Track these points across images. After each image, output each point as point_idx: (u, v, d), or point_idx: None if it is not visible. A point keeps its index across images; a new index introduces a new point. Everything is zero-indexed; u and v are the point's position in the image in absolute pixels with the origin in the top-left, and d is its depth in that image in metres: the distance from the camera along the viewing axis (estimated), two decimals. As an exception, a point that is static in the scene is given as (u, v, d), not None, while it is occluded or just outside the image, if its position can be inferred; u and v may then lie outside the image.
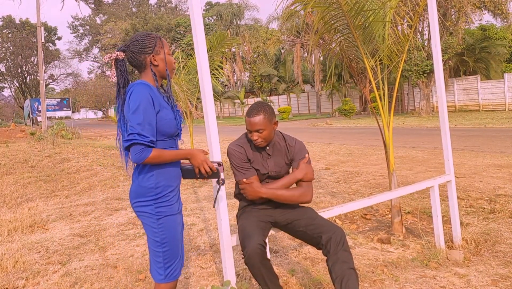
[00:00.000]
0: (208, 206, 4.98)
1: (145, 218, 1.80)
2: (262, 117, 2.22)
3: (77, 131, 19.53)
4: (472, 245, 3.12)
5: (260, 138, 2.25)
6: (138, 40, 1.83)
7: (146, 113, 1.70)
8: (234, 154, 2.30)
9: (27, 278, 3.05)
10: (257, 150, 2.35)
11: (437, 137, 9.88)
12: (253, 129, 2.23)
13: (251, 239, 2.08)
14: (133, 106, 1.71)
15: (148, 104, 1.72)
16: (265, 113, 2.24)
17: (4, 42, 43.26)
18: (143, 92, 1.73)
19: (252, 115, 2.23)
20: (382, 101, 3.50)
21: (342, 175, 6.49)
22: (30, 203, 5.66)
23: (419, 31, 20.28)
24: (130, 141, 1.68)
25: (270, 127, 2.26)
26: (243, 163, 2.29)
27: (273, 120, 2.29)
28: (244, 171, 2.27)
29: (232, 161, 2.30)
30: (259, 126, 2.22)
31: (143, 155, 1.69)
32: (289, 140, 2.39)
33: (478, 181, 5.40)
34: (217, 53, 6.96)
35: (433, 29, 3.09)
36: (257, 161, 2.33)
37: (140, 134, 1.68)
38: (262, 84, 36.92)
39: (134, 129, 1.68)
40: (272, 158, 2.35)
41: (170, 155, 1.78)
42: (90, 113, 66.20)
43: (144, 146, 1.69)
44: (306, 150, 2.41)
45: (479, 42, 21.36)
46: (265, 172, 2.34)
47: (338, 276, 2.05)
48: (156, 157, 1.72)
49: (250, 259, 2.06)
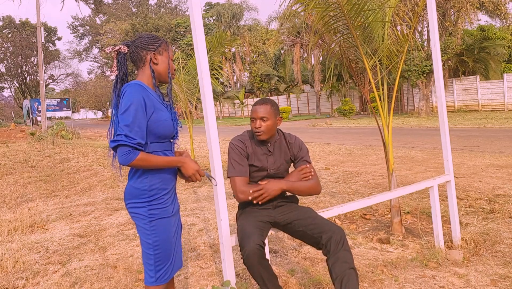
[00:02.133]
0: (208, 206, 4.99)
1: (137, 220, 1.78)
2: (269, 107, 2.29)
3: (77, 132, 19.52)
4: (471, 245, 3.12)
5: (262, 127, 2.27)
6: (145, 37, 1.85)
7: (136, 116, 1.68)
8: (234, 148, 2.33)
9: (27, 278, 3.05)
10: (258, 146, 2.36)
11: (437, 138, 9.90)
12: (257, 116, 2.28)
13: (249, 240, 2.09)
14: (123, 107, 1.69)
15: (140, 106, 1.69)
16: (272, 105, 2.32)
17: (4, 43, 43.24)
18: (136, 94, 1.71)
19: (259, 104, 2.32)
20: (382, 101, 3.51)
21: (341, 175, 6.50)
22: (30, 203, 5.66)
23: (418, 32, 20.33)
24: (117, 142, 1.66)
25: (274, 120, 2.31)
26: (240, 159, 2.30)
27: (278, 114, 2.35)
28: (237, 168, 2.29)
29: (230, 154, 2.32)
30: (264, 114, 2.27)
31: (129, 157, 1.65)
32: (288, 138, 2.43)
33: (477, 181, 5.41)
34: (217, 53, 6.96)
35: (432, 29, 3.09)
36: (257, 157, 2.34)
37: (128, 136, 1.65)
38: (261, 84, 36.94)
39: (121, 131, 1.66)
40: (273, 155, 2.37)
41: (158, 161, 1.74)
42: (90, 114, 66.24)
43: (131, 148, 1.66)
44: (306, 146, 2.45)
45: (478, 43, 21.38)
46: (264, 168, 2.35)
47: (338, 276, 2.05)
48: (142, 160, 1.68)
49: (248, 259, 2.06)
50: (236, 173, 2.28)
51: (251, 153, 2.34)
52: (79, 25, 57.84)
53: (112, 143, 1.68)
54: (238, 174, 2.28)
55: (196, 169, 1.84)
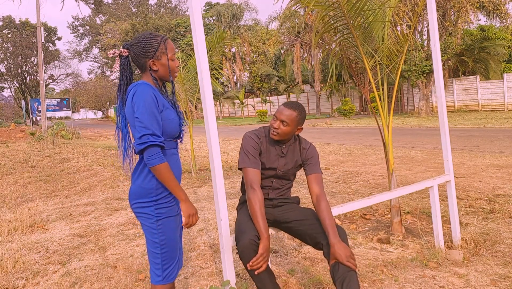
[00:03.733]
0: (208, 206, 4.99)
1: (144, 219, 1.79)
2: (295, 114, 2.24)
3: (77, 132, 19.53)
4: (471, 245, 3.12)
5: (280, 129, 2.24)
6: (141, 42, 1.80)
7: (153, 113, 1.69)
8: (249, 140, 2.29)
9: (27, 278, 3.05)
10: (272, 145, 2.34)
11: (437, 138, 9.90)
12: (279, 117, 2.24)
13: (244, 234, 2.09)
14: (140, 107, 1.68)
15: (154, 104, 1.71)
16: (300, 113, 2.26)
17: (4, 43, 43.23)
18: (147, 92, 1.71)
19: (288, 107, 2.25)
20: (382, 101, 3.51)
21: (341, 175, 6.50)
22: (30, 203, 5.66)
23: (418, 32, 20.32)
24: (146, 144, 1.65)
25: (294, 128, 2.27)
26: (254, 152, 2.27)
27: (301, 124, 2.30)
28: (252, 160, 2.24)
29: (244, 146, 2.28)
30: (287, 118, 2.22)
31: (158, 160, 1.67)
32: (303, 143, 2.40)
33: (477, 181, 5.41)
34: (217, 53, 6.97)
35: (432, 29, 3.09)
36: (268, 156, 2.32)
37: (154, 134, 1.66)
38: (261, 84, 36.94)
39: (147, 130, 1.65)
40: (285, 157, 2.36)
41: (173, 180, 1.74)
42: (90, 114, 66.13)
43: (159, 147, 1.68)
44: (318, 154, 2.41)
45: (478, 43, 21.37)
46: (273, 168, 2.33)
47: (339, 277, 2.05)
48: (164, 169, 1.69)
49: (243, 253, 2.07)
50: (251, 164, 2.24)
51: (264, 151, 2.31)
52: (79, 25, 57.86)
53: (140, 146, 1.66)
54: (251, 166, 2.24)
55: (195, 210, 1.84)
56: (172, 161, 1.82)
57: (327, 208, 2.18)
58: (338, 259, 2.06)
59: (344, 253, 2.04)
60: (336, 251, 2.06)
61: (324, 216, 2.16)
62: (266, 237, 2.07)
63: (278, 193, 2.41)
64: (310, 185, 2.30)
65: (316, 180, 2.30)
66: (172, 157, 1.84)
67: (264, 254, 2.04)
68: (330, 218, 2.15)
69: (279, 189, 2.41)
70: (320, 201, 2.21)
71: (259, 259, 2.03)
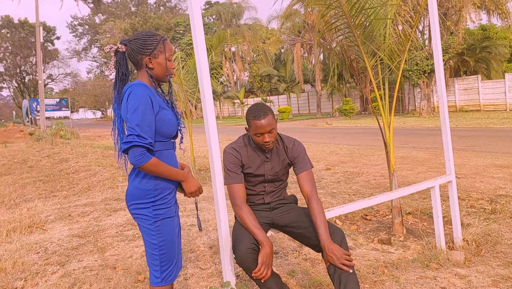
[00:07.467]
0: (207, 206, 4.96)
1: (142, 221, 1.77)
2: (271, 117, 2.18)
3: (75, 132, 19.50)
4: (473, 246, 3.10)
5: (271, 139, 2.20)
6: (140, 39, 1.79)
7: (145, 115, 1.67)
8: (227, 156, 2.27)
9: (26, 279, 3.03)
10: (255, 152, 2.29)
11: (438, 138, 9.88)
12: (265, 131, 2.16)
13: (240, 244, 2.06)
14: (132, 107, 1.67)
15: (147, 105, 1.68)
16: (271, 113, 2.22)
17: (3, 42, 43.23)
18: (142, 93, 1.69)
19: (263, 117, 2.14)
20: (383, 101, 3.48)
21: (342, 175, 6.48)
22: (28, 204, 5.64)
23: (419, 31, 20.29)
24: (130, 143, 1.64)
25: (276, 127, 2.24)
26: (235, 167, 2.25)
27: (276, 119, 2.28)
28: (232, 176, 2.24)
29: (225, 163, 2.27)
30: (270, 125, 2.16)
31: (142, 160, 1.64)
32: (286, 142, 2.34)
33: (479, 181, 5.38)
34: (217, 52, 6.94)
35: (434, 28, 3.07)
36: (254, 165, 2.28)
37: (140, 136, 1.64)
38: (262, 84, 36.92)
39: (133, 131, 1.64)
40: (270, 161, 2.31)
41: (167, 170, 1.74)
42: (89, 113, 66.17)
43: (144, 148, 1.65)
44: (304, 148, 2.35)
45: (479, 42, 21.35)
46: (261, 175, 2.31)
47: (337, 278, 2.03)
48: (153, 165, 1.68)
49: (242, 263, 2.05)
50: (232, 180, 2.24)
51: (247, 160, 2.28)
52: (78, 25, 57.84)
53: (125, 145, 1.65)
54: (233, 182, 2.24)
55: (198, 186, 1.86)
56: (168, 160, 1.81)
57: (317, 208, 2.15)
58: (330, 262, 2.03)
59: (335, 255, 2.01)
60: (328, 253, 2.03)
61: (315, 216, 2.13)
62: (266, 244, 2.04)
63: (273, 196, 2.38)
64: (300, 184, 2.28)
65: (306, 178, 2.26)
66: (168, 156, 1.82)
67: (266, 262, 2.02)
68: (321, 218, 2.12)
69: (273, 191, 2.38)
70: (311, 201, 2.19)
71: (261, 269, 2.00)
